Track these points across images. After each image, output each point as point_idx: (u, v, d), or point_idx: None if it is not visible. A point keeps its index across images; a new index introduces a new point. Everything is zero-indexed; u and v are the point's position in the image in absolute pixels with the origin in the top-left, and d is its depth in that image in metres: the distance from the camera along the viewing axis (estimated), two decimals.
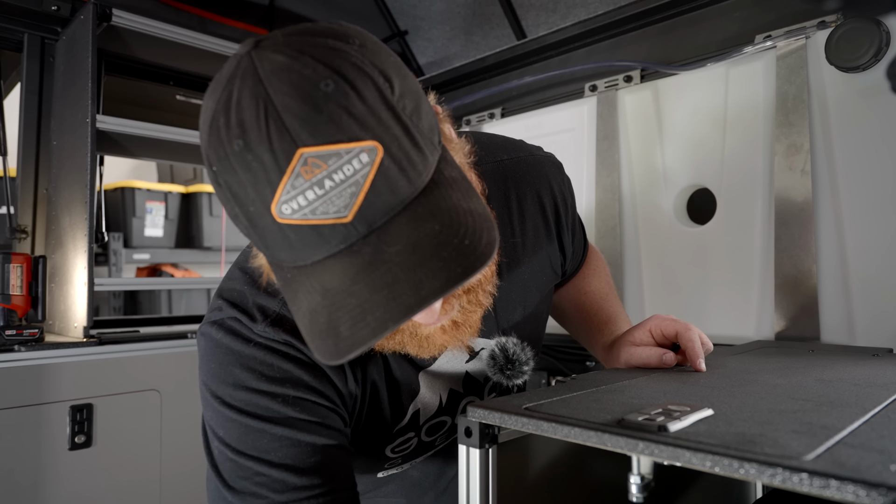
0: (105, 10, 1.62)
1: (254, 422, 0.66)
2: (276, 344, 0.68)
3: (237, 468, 0.66)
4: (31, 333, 1.47)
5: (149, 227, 3.69)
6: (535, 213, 0.87)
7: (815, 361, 0.88)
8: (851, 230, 1.16)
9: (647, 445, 0.48)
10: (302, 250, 0.52)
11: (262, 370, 0.67)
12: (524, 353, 0.80)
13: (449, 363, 0.81)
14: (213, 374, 0.69)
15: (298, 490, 0.65)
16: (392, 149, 0.51)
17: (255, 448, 0.66)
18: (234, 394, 0.67)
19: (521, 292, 0.86)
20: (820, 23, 1.20)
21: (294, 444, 0.66)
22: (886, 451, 0.44)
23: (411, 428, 0.82)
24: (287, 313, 0.69)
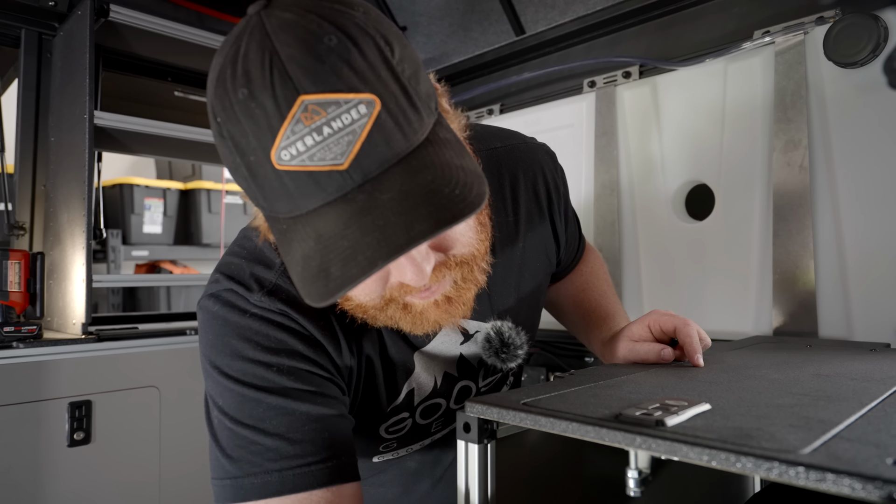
0: (102, 6, 1.62)
1: (249, 391, 0.67)
2: (271, 314, 0.69)
3: (234, 437, 0.67)
4: (30, 330, 1.47)
5: (147, 224, 3.69)
6: (528, 199, 0.88)
7: (813, 356, 0.88)
8: (849, 225, 1.17)
9: (645, 440, 0.48)
10: (298, 198, 0.54)
11: (257, 340, 0.68)
12: (519, 336, 0.81)
13: (444, 345, 0.82)
14: (211, 344, 0.70)
15: (292, 458, 0.66)
16: (389, 104, 0.53)
17: (251, 417, 0.67)
18: (232, 363, 0.68)
19: (515, 277, 0.88)
20: (818, 18, 1.20)
21: (288, 413, 0.67)
22: (882, 445, 0.44)
23: (406, 408, 0.82)
24: (283, 283, 0.70)
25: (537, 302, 0.95)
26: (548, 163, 0.93)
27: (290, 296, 0.69)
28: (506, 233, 0.85)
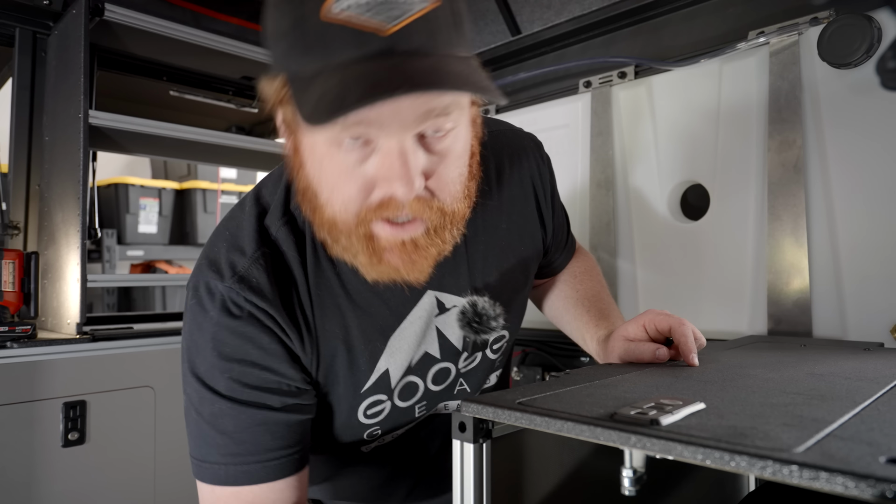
0: (98, 5, 1.61)
1: (206, 391, 0.73)
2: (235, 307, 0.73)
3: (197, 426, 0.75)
4: (24, 330, 1.47)
5: (142, 224, 3.68)
6: (513, 183, 0.90)
7: (807, 356, 0.88)
8: (843, 225, 1.17)
9: (640, 439, 0.48)
10: (334, 49, 0.58)
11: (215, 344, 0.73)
12: (493, 309, 0.83)
13: (420, 318, 0.83)
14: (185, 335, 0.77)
15: (234, 455, 0.73)
16: (442, 11, 0.60)
17: (210, 413, 0.74)
18: (195, 360, 0.74)
19: (497, 256, 0.88)
20: (812, 19, 1.20)
21: (235, 417, 0.73)
22: (875, 443, 0.44)
23: (382, 389, 0.83)
24: (255, 270, 0.74)
25: (522, 285, 0.94)
26: (533, 150, 0.94)
27: (259, 283, 0.73)
28: (490, 213, 0.87)
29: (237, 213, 0.81)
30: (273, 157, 2.15)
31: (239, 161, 2.39)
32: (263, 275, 0.73)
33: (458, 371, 0.90)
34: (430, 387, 0.88)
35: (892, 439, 0.45)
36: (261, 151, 2.04)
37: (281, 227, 0.77)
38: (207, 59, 2.04)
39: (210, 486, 0.74)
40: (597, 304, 1.04)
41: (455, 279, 0.84)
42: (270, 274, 0.74)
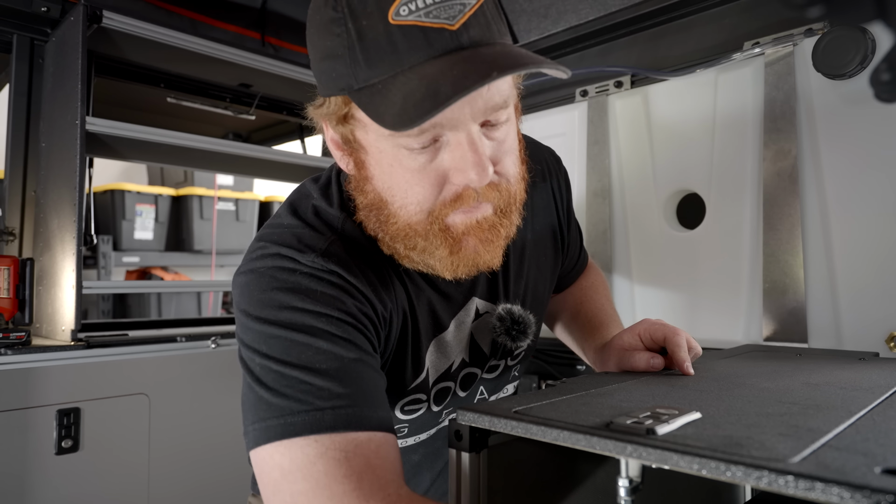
0: (95, 12, 1.62)
1: (299, 335, 0.67)
2: (324, 273, 0.69)
3: (282, 378, 0.66)
4: (18, 336, 1.46)
5: (138, 230, 3.67)
6: (535, 195, 0.92)
7: (803, 365, 0.89)
8: (838, 235, 1.18)
9: (636, 448, 0.48)
10: (405, 52, 0.61)
11: (307, 293, 0.68)
12: (528, 317, 0.85)
13: (462, 322, 0.84)
14: (255, 301, 0.69)
15: (343, 398, 0.65)
16: (489, 4, 0.65)
17: (300, 359, 0.66)
18: (279, 314, 0.68)
19: (524, 265, 0.91)
20: (807, 30, 1.21)
21: (337, 359, 0.66)
22: (871, 454, 0.44)
23: (422, 389, 0.83)
24: (335, 249, 0.71)
25: (542, 298, 0.96)
26: (553, 163, 0.98)
27: (342, 259, 0.71)
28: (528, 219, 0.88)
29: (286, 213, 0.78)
30: (270, 164, 2.15)
31: (236, 168, 2.39)
32: (344, 254, 0.72)
33: (480, 378, 0.90)
34: (458, 392, 0.88)
35: (888, 450, 0.45)
36: (258, 158, 2.04)
37: (346, 222, 0.76)
38: (205, 67, 2.05)
39: (309, 437, 0.62)
40: (598, 315, 1.04)
41: (489, 287, 0.85)
42: (350, 254, 0.72)
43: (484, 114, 0.65)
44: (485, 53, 0.61)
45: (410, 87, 0.60)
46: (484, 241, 0.70)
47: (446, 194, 0.68)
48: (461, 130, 0.65)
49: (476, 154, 0.65)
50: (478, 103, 0.63)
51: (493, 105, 0.65)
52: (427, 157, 0.66)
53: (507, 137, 0.70)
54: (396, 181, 0.68)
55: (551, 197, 0.95)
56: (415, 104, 0.59)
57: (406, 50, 0.61)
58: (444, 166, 0.66)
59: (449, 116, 0.63)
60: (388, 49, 0.61)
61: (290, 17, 2.25)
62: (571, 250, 1.03)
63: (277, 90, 2.26)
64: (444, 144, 0.66)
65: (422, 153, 0.66)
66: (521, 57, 0.61)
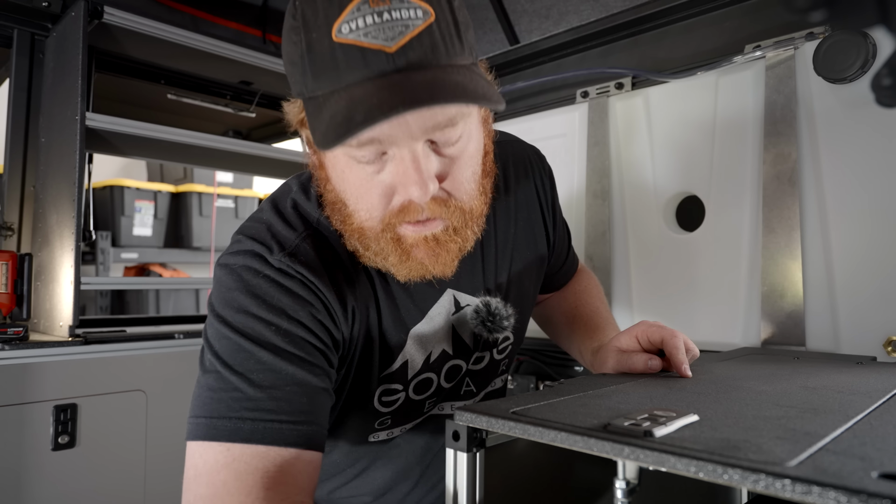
0: (96, 8, 1.61)
1: (245, 342, 0.70)
2: (285, 277, 0.72)
3: (221, 380, 0.70)
4: (16, 332, 1.46)
5: (137, 226, 3.67)
6: (519, 190, 0.94)
7: (800, 369, 0.89)
8: (837, 239, 1.18)
9: (633, 450, 0.48)
10: (343, 71, 0.62)
11: (264, 299, 0.71)
12: (505, 309, 0.86)
13: (439, 315, 0.86)
14: (221, 297, 0.73)
15: (267, 412, 0.68)
16: (441, 24, 0.63)
17: (241, 366, 0.69)
18: (235, 316, 0.71)
19: (507, 259, 0.92)
20: (808, 34, 1.22)
21: (275, 371, 0.69)
22: (868, 458, 0.44)
23: (399, 379, 0.85)
24: (305, 246, 0.75)
25: (528, 291, 0.97)
26: (536, 160, 0.99)
27: (309, 258, 0.74)
28: (500, 218, 0.91)
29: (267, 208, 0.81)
30: (269, 162, 2.15)
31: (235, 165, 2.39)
32: (311, 252, 0.75)
33: (466, 369, 0.92)
34: (442, 383, 0.90)
35: (885, 454, 0.45)
36: (257, 156, 2.03)
37: (321, 216, 0.79)
38: (205, 63, 2.04)
39: (224, 444, 0.67)
40: (594, 318, 1.05)
41: (470, 279, 0.87)
42: (317, 252, 0.75)
43: (426, 133, 0.65)
44: (413, 81, 0.60)
45: (338, 108, 0.62)
46: (432, 256, 0.72)
47: (394, 204, 0.70)
48: (403, 147, 0.66)
49: (417, 172, 0.65)
50: (415, 124, 0.64)
51: (435, 124, 0.65)
52: (374, 169, 0.68)
53: (462, 154, 0.70)
54: (348, 187, 0.71)
55: (535, 193, 0.96)
56: (334, 127, 0.60)
57: (345, 69, 0.62)
58: (389, 180, 0.68)
59: (388, 133, 0.64)
60: (331, 65, 0.62)
61: None
62: (559, 248, 1.04)
63: (278, 88, 2.26)
64: (390, 158, 0.67)
65: (369, 165, 0.68)
66: (447, 89, 0.61)
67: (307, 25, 0.63)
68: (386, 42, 0.60)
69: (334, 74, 0.62)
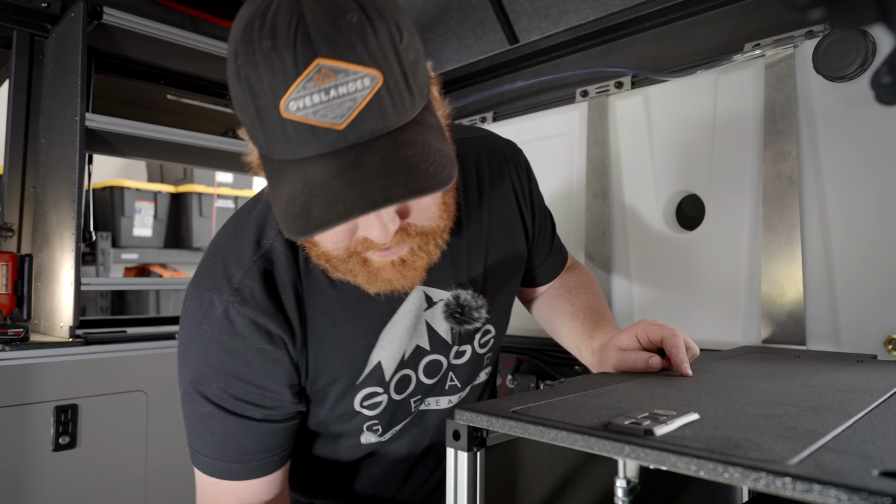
0: (96, 8, 1.61)
1: (195, 396, 0.80)
2: (227, 322, 0.78)
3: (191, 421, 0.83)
4: (16, 333, 1.46)
5: (137, 227, 3.67)
6: (493, 184, 0.96)
7: (801, 367, 0.89)
8: (837, 237, 1.18)
9: (633, 449, 0.48)
10: (296, 145, 0.61)
11: (206, 356, 0.79)
12: (475, 301, 0.88)
13: (410, 313, 0.87)
14: (181, 339, 0.83)
15: (218, 454, 0.81)
16: (390, 83, 0.61)
17: (198, 415, 0.81)
18: (188, 368, 0.81)
19: (480, 252, 0.94)
20: (808, 32, 1.21)
21: (221, 422, 0.80)
22: (868, 456, 0.44)
23: (376, 382, 0.87)
24: (249, 281, 0.79)
25: (506, 281, 0.98)
26: (511, 154, 1.01)
27: (252, 292, 0.78)
28: (472, 213, 0.93)
29: (237, 220, 0.86)
30: None
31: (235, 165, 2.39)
32: (257, 283, 0.79)
33: (448, 364, 0.93)
34: (422, 379, 0.91)
35: (885, 452, 0.45)
36: None
37: (275, 237, 0.82)
38: (205, 63, 2.04)
39: (200, 473, 0.83)
40: (592, 316, 1.05)
41: (441, 274, 0.88)
42: (263, 282, 0.79)
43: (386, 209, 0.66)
44: (367, 165, 0.60)
45: (294, 189, 0.62)
46: (398, 276, 0.75)
47: (358, 236, 0.71)
48: None
49: (381, 225, 0.67)
50: None
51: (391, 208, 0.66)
52: None
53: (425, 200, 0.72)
54: None
55: (510, 187, 0.98)
56: (293, 215, 0.62)
57: (297, 143, 0.61)
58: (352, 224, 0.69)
59: None
60: (283, 138, 0.62)
61: None
62: (539, 238, 1.05)
63: None
64: None
65: None
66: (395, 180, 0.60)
67: (253, 90, 0.61)
68: (335, 120, 0.59)
69: (287, 146, 0.62)
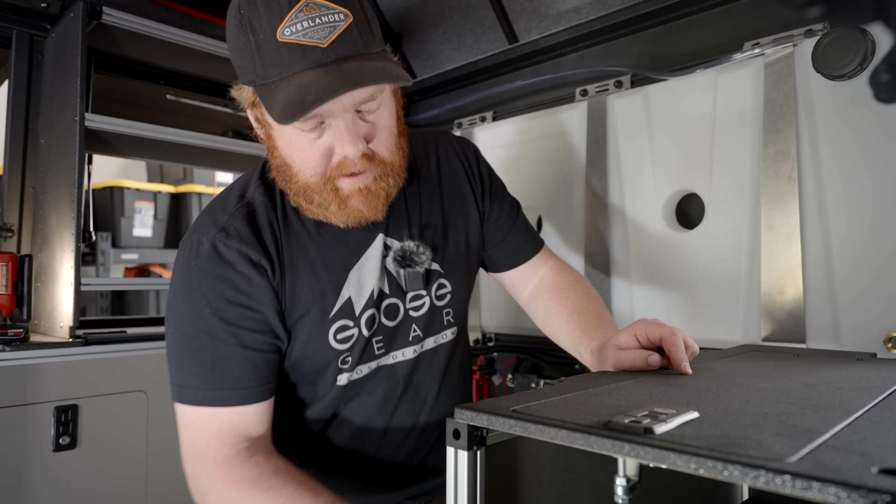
0: (95, 8, 1.61)
1: (190, 328, 0.90)
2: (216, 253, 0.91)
3: (178, 360, 0.92)
4: (16, 333, 1.46)
5: (137, 227, 3.67)
6: (441, 162, 1.13)
7: (801, 365, 0.89)
8: (837, 236, 1.18)
9: (633, 447, 0.48)
10: (289, 63, 0.81)
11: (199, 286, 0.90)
12: (418, 248, 1.03)
13: (373, 256, 1.01)
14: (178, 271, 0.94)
15: (209, 383, 0.90)
16: (358, 21, 0.83)
17: (188, 347, 0.91)
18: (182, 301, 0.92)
19: (430, 212, 1.08)
20: (807, 31, 1.22)
21: (211, 352, 0.90)
22: (868, 454, 0.44)
23: (347, 315, 0.98)
24: (232, 221, 0.93)
25: (456, 243, 1.11)
26: (460, 142, 1.17)
27: (237, 229, 0.93)
28: (424, 181, 1.10)
29: (223, 191, 1.02)
30: None
31: (235, 165, 2.39)
32: (241, 221, 0.94)
33: (406, 311, 1.04)
34: (384, 321, 1.02)
35: (885, 450, 0.46)
36: (257, 156, 2.03)
37: (256, 188, 0.99)
38: (204, 63, 2.04)
39: (192, 406, 0.90)
40: (587, 317, 1.06)
41: (397, 226, 1.04)
42: (246, 221, 0.94)
43: (355, 105, 0.86)
44: (346, 68, 0.80)
45: (290, 92, 0.80)
46: (365, 202, 0.91)
47: (333, 162, 0.89)
48: (339, 117, 0.85)
49: (350, 134, 0.85)
50: (347, 100, 0.83)
51: (360, 100, 0.85)
52: (315, 135, 0.87)
53: (380, 119, 0.91)
54: (294, 152, 0.90)
55: (459, 165, 1.14)
56: (290, 107, 0.79)
57: (290, 61, 0.81)
58: (329, 142, 0.87)
59: (327, 108, 0.82)
60: (278, 59, 0.81)
61: None
62: (497, 213, 1.16)
63: None
64: (328, 127, 0.87)
65: (310, 133, 0.87)
66: (370, 73, 0.81)
67: (254, 29, 0.81)
68: (320, 40, 0.80)
69: (282, 66, 0.81)
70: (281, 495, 0.83)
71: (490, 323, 1.86)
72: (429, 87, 2.06)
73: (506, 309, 1.81)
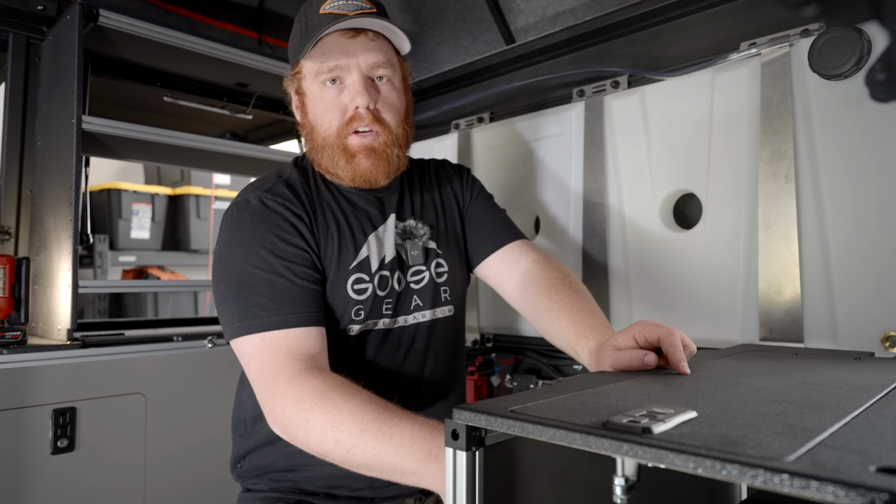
0: (92, 11, 1.61)
1: (248, 266, 1.03)
2: (266, 208, 1.07)
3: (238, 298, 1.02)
4: (14, 336, 1.45)
5: (135, 229, 3.66)
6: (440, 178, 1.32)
7: (799, 365, 0.89)
8: (834, 235, 1.18)
9: (632, 447, 0.48)
10: (325, 27, 1.06)
11: (252, 230, 1.05)
12: (417, 225, 1.21)
13: (387, 229, 1.17)
14: (227, 236, 1.08)
15: (272, 310, 0.99)
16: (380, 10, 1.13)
17: (249, 285, 1.02)
18: (239, 247, 1.05)
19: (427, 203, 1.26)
20: (803, 31, 1.22)
21: (270, 284, 1.01)
22: (865, 453, 0.44)
23: (364, 269, 1.12)
24: (277, 188, 1.11)
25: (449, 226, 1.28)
26: (455, 166, 1.36)
27: (281, 191, 1.10)
28: (423, 180, 1.29)
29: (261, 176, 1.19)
30: (266, 164, 2.15)
31: (232, 167, 2.39)
32: (282, 187, 1.11)
33: (407, 282, 1.17)
34: (394, 285, 1.15)
35: (882, 448, 0.46)
36: (254, 158, 2.03)
37: (292, 171, 1.17)
38: (202, 66, 2.04)
39: (260, 334, 0.99)
40: (580, 314, 1.06)
41: (402, 209, 1.22)
42: (286, 187, 1.12)
43: (369, 69, 1.09)
44: (363, 23, 1.07)
45: (324, 45, 1.09)
46: (369, 160, 1.10)
47: (345, 117, 1.09)
48: (354, 75, 1.09)
49: (362, 87, 1.08)
50: (362, 58, 1.08)
51: (374, 62, 1.09)
52: (336, 92, 1.10)
53: (390, 95, 1.12)
54: (319, 109, 1.11)
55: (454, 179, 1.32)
56: (313, 42, 1.08)
57: (325, 26, 1.06)
58: (345, 99, 1.09)
59: (345, 63, 1.08)
60: (316, 26, 1.08)
61: (286, 17, 2.25)
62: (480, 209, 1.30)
63: (274, 89, 2.25)
64: (346, 87, 1.10)
65: (332, 88, 1.10)
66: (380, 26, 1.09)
67: (306, 11, 1.12)
68: (350, 10, 1.08)
69: (318, 30, 1.06)
70: (354, 396, 0.90)
71: (488, 324, 1.86)
72: (426, 88, 2.06)
73: (504, 310, 1.81)
